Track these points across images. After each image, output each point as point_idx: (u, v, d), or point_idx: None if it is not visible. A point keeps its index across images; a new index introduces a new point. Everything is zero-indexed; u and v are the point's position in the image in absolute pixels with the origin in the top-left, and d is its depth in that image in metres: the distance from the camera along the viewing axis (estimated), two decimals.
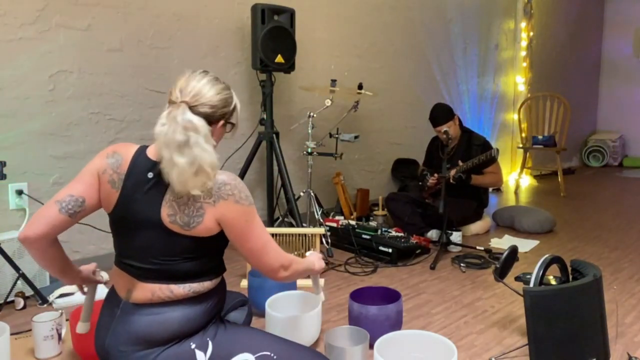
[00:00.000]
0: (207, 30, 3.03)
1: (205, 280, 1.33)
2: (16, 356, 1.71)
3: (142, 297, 1.28)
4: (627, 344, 1.83)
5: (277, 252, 1.37)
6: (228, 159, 3.14)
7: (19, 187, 2.37)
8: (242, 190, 1.31)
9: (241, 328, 1.41)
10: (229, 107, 1.37)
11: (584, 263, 1.76)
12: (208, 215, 1.27)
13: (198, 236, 1.28)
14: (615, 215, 3.99)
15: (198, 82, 1.29)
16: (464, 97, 5.13)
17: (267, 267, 1.36)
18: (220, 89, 1.33)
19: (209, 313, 1.34)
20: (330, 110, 3.25)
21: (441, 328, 1.98)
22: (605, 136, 7.22)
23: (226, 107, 1.35)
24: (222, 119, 1.35)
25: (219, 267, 1.39)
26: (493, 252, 2.91)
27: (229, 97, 1.36)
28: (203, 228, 1.27)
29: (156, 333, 1.25)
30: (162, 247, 1.28)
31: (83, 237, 2.59)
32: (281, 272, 1.38)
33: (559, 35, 6.44)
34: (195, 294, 1.31)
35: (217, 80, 1.34)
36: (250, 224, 1.32)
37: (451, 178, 3.05)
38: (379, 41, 4.13)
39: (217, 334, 1.33)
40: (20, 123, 2.36)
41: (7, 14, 2.29)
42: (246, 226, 1.31)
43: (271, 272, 1.37)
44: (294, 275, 1.42)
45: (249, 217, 1.31)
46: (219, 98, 1.31)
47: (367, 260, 2.82)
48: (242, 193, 1.31)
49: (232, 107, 1.39)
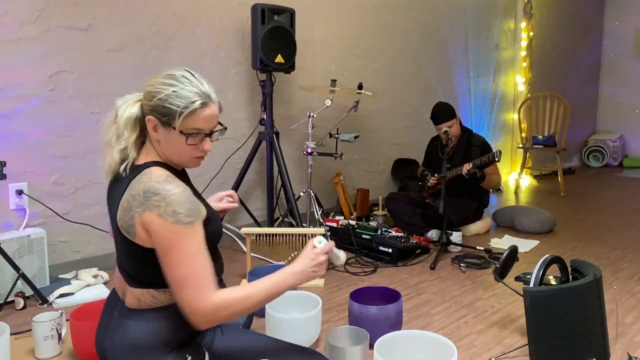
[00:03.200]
0: (207, 30, 3.03)
1: None
2: (16, 356, 1.71)
3: (132, 302, 1.26)
4: (627, 344, 1.83)
5: (196, 293, 1.14)
6: (228, 159, 3.14)
7: (19, 187, 2.37)
8: (170, 204, 1.14)
9: (239, 334, 1.36)
10: (154, 99, 1.22)
11: (584, 263, 1.76)
12: (137, 225, 1.17)
13: (143, 246, 1.19)
14: (615, 215, 3.99)
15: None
16: (464, 97, 5.13)
17: (182, 305, 1.15)
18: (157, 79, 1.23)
19: None
20: (330, 110, 3.25)
21: (441, 328, 1.98)
22: (605, 136, 7.22)
23: (151, 100, 1.22)
24: (149, 114, 1.23)
25: None
26: (493, 252, 2.91)
27: (155, 89, 1.22)
28: (139, 239, 1.18)
29: (147, 341, 1.20)
30: (126, 252, 1.23)
31: (83, 237, 2.59)
32: (199, 317, 1.14)
33: (559, 35, 6.44)
34: None
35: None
36: (173, 245, 1.14)
37: (464, 172, 3.04)
38: (379, 41, 4.13)
39: (213, 342, 1.29)
40: (20, 123, 2.36)
41: (7, 14, 2.29)
42: (168, 248, 1.14)
43: (188, 314, 1.15)
44: (235, 314, 1.17)
45: (173, 238, 1.14)
46: (149, 90, 1.23)
47: (367, 260, 2.82)
48: (169, 207, 1.14)
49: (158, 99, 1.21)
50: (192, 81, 1.23)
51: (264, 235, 2.45)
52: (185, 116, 1.20)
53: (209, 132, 1.26)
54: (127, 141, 1.26)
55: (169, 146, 1.25)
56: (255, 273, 2.11)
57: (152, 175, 1.20)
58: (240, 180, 3.07)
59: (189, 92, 1.21)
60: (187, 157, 1.26)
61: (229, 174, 3.17)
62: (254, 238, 2.45)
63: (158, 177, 1.19)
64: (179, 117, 1.19)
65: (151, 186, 1.17)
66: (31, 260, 2.24)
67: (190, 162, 1.29)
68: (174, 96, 1.19)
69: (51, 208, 2.46)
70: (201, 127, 1.23)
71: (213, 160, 3.08)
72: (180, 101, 1.19)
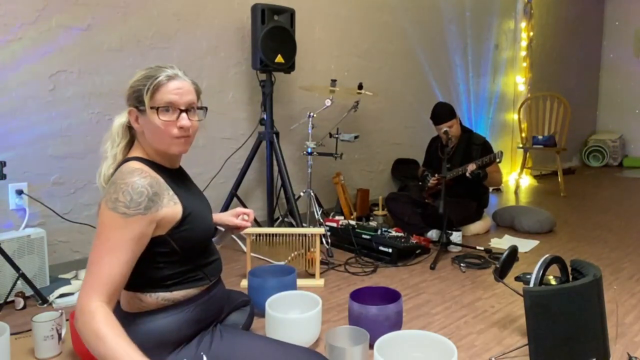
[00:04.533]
0: (207, 30, 3.03)
1: (174, 289, 1.27)
2: (16, 356, 1.71)
3: (124, 305, 1.27)
4: (627, 344, 1.83)
5: (86, 285, 1.09)
6: (228, 159, 3.14)
7: (19, 187, 2.37)
8: (117, 191, 1.15)
9: (238, 336, 1.35)
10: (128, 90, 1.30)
11: (584, 263, 1.76)
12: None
13: None
14: (615, 215, 3.99)
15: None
16: (464, 97, 5.13)
17: (80, 294, 1.11)
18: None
19: (193, 321, 1.29)
20: (330, 110, 3.25)
21: (441, 328, 1.97)
22: (605, 136, 7.22)
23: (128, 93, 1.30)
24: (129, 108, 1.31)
25: (188, 274, 1.30)
26: (493, 252, 2.91)
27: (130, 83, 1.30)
28: None
29: (140, 344, 1.15)
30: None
31: (83, 237, 2.59)
32: (76, 308, 1.09)
33: (559, 35, 6.44)
34: (169, 303, 1.26)
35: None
36: (99, 229, 1.14)
37: (468, 173, 3.04)
38: (379, 41, 4.13)
39: (212, 345, 1.28)
40: (20, 123, 2.36)
41: (7, 14, 2.29)
42: (97, 232, 1.15)
43: (77, 304, 1.10)
44: (85, 337, 1.07)
45: (103, 221, 1.14)
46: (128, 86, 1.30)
47: (367, 260, 2.82)
48: (114, 194, 1.15)
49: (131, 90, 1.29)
50: (162, 66, 1.27)
51: (264, 235, 2.45)
52: (152, 91, 1.23)
53: (185, 109, 1.26)
54: (118, 147, 1.30)
55: (150, 133, 1.26)
56: (255, 273, 2.11)
57: (124, 167, 1.23)
58: (240, 180, 3.07)
59: (156, 72, 1.25)
60: (167, 137, 1.25)
61: (229, 174, 3.17)
62: (254, 238, 2.45)
63: (126, 169, 1.21)
64: (147, 92, 1.23)
65: (115, 177, 1.20)
66: (31, 260, 2.24)
67: (173, 144, 1.27)
68: (142, 78, 1.25)
69: (51, 208, 2.46)
70: (172, 101, 1.24)
71: (213, 160, 3.08)
72: (147, 80, 1.24)
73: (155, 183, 1.21)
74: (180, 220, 1.25)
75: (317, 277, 2.44)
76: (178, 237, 1.25)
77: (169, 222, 1.23)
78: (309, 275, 2.51)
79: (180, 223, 1.25)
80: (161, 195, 1.21)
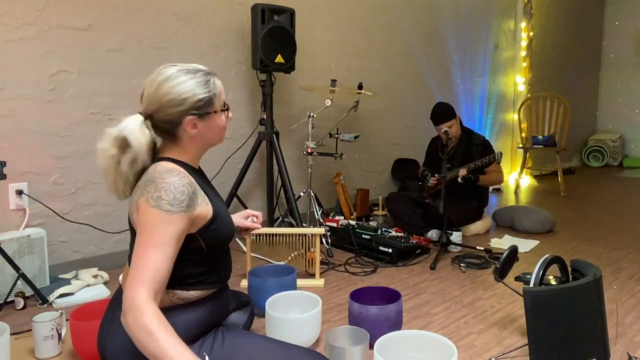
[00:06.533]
0: (207, 30, 3.03)
1: (190, 289, 1.28)
2: (16, 356, 1.71)
3: None
4: (627, 344, 1.83)
5: (134, 280, 1.08)
6: (228, 159, 3.14)
7: (19, 187, 2.37)
8: (159, 190, 1.17)
9: (240, 337, 1.34)
10: (185, 102, 1.26)
11: (584, 263, 1.76)
12: (135, 211, 1.21)
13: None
14: (615, 215, 3.99)
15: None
16: (464, 97, 5.13)
17: (126, 289, 1.10)
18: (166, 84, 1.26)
19: (202, 323, 1.29)
20: (330, 110, 3.25)
21: (441, 328, 1.97)
22: (605, 136, 7.22)
23: (181, 105, 1.25)
24: (185, 117, 1.27)
25: (205, 275, 1.31)
26: (493, 252, 2.91)
27: (175, 94, 1.25)
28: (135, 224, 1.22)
29: None
30: (132, 244, 1.25)
31: (83, 237, 2.59)
32: (124, 305, 1.07)
33: (559, 35, 6.45)
34: (182, 302, 1.27)
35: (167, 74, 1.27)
36: (144, 226, 1.14)
37: (460, 178, 3.05)
38: (379, 41, 4.13)
39: (214, 346, 1.28)
40: (20, 123, 2.36)
41: (7, 14, 2.29)
42: (141, 229, 1.15)
43: (125, 299, 1.08)
44: (134, 332, 1.06)
45: (148, 219, 1.15)
46: (168, 99, 1.25)
47: (367, 260, 2.82)
48: (156, 193, 1.17)
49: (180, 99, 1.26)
50: (199, 68, 1.31)
51: (264, 235, 2.45)
52: (219, 95, 1.32)
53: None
54: (143, 162, 1.27)
55: (212, 134, 1.33)
56: (255, 273, 2.11)
57: (158, 166, 1.24)
58: (240, 180, 3.07)
59: (204, 75, 1.29)
60: (222, 132, 1.37)
61: (229, 174, 3.17)
62: (254, 238, 2.46)
63: (162, 168, 1.23)
64: (216, 98, 1.30)
65: (152, 176, 1.21)
66: (31, 260, 2.24)
67: (222, 137, 1.39)
68: (197, 85, 1.27)
69: (51, 208, 2.46)
70: (225, 98, 1.38)
71: (213, 160, 3.08)
72: (206, 86, 1.28)
73: (193, 183, 1.25)
74: (210, 220, 1.28)
75: (317, 277, 2.44)
76: (207, 236, 1.28)
77: (201, 221, 1.26)
78: (309, 275, 2.51)
79: (210, 223, 1.29)
80: (197, 194, 1.25)
